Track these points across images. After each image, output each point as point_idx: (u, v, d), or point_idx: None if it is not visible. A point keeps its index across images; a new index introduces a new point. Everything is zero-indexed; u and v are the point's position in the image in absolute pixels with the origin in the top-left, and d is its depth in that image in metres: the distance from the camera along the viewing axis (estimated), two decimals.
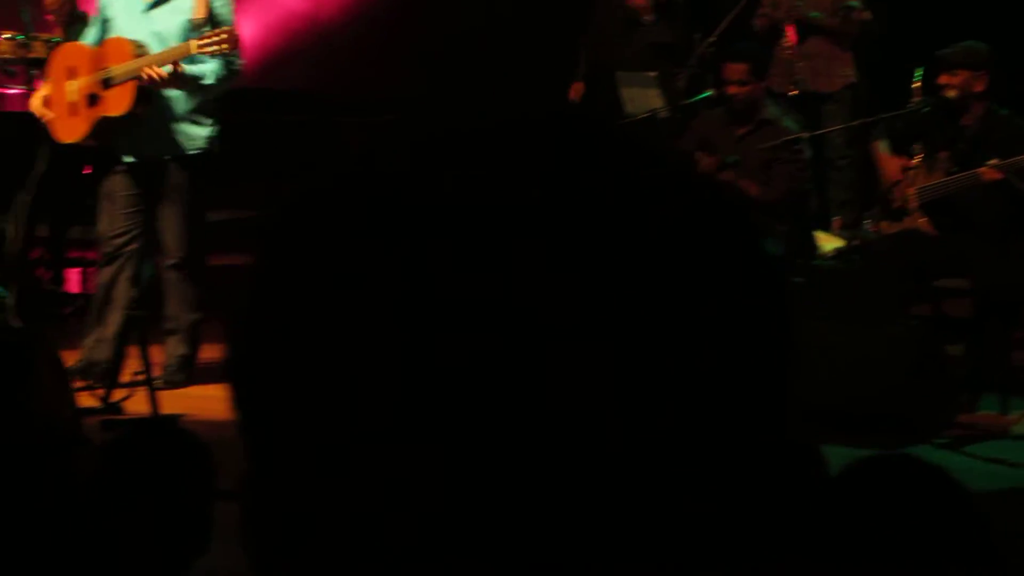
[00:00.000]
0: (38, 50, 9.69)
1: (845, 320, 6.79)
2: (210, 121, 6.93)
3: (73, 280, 9.33)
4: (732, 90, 7.87)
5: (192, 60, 6.65)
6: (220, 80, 6.78)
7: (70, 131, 6.86)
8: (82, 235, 8.32)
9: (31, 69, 9.32)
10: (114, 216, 6.93)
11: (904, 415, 6.26)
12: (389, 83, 11.40)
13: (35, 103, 7.09)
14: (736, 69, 7.87)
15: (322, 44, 12.44)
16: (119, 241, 6.93)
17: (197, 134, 6.89)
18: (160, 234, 6.96)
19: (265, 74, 11.49)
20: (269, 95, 9.64)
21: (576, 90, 10.25)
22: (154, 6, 6.84)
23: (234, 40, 6.51)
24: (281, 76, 11.54)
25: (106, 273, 6.98)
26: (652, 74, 9.43)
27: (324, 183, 1.19)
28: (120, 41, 6.74)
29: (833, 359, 6.30)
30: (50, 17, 11.02)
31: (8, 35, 9.67)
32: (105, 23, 6.99)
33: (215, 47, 6.49)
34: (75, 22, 8.21)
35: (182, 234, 6.91)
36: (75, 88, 6.85)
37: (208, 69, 6.73)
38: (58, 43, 10.09)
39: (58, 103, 6.92)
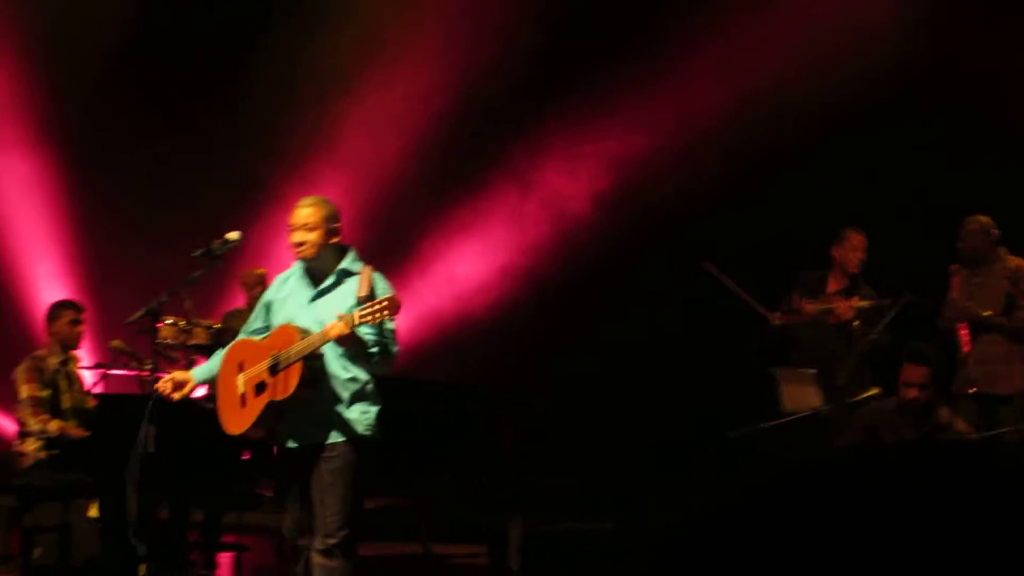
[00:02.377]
0: (199, 336, 9.88)
1: None
2: (371, 408, 6.94)
3: (225, 565, 9.29)
4: (911, 394, 7.72)
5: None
6: (381, 356, 6.82)
7: (240, 422, 6.91)
8: (236, 520, 8.31)
9: (191, 354, 9.49)
10: (290, 510, 6.97)
11: None
12: (534, 379, 11.50)
13: (163, 384, 7.17)
14: (917, 372, 7.75)
15: (471, 339, 12.73)
16: (305, 532, 6.93)
17: (359, 420, 6.89)
18: (315, 518, 6.90)
19: (414, 366, 11.71)
20: (418, 385, 9.67)
21: (777, 317, 10.27)
22: (318, 296, 6.99)
23: (395, 307, 6.57)
24: (431, 368, 11.75)
25: (300, 565, 7.02)
26: (812, 371, 9.35)
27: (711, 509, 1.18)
28: (286, 328, 6.85)
29: None
30: (243, 292, 11.28)
31: (170, 321, 9.87)
32: (268, 310, 7.10)
33: (376, 314, 6.55)
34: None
35: (338, 520, 6.85)
36: (243, 380, 6.93)
37: (371, 340, 6.78)
38: (222, 330, 10.34)
39: (228, 397, 7.00)
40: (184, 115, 13.34)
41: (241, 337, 7.12)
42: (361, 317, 6.59)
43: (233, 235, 7.57)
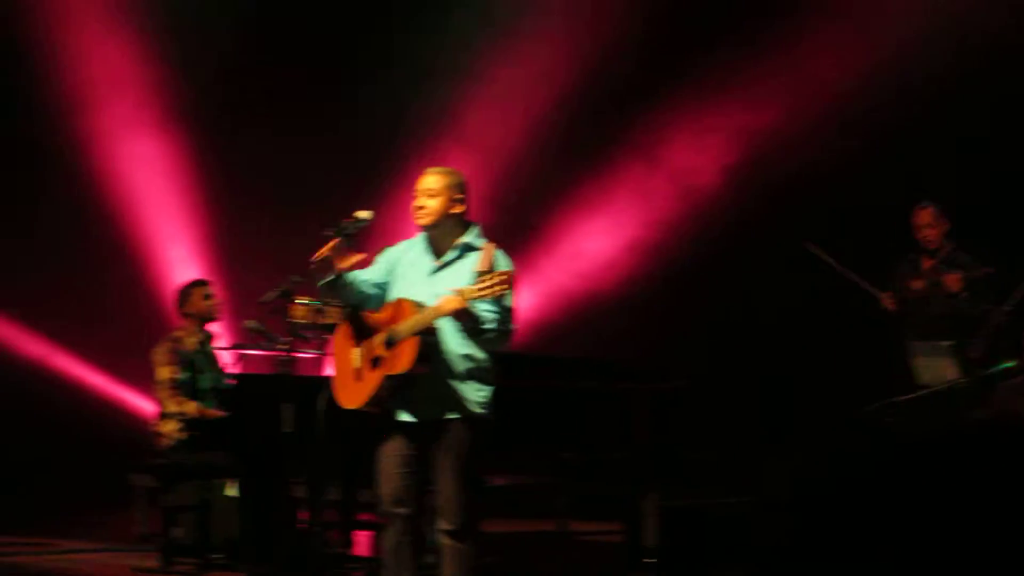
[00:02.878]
0: (331, 316, 9.94)
1: None
2: (486, 387, 6.94)
3: (362, 542, 9.37)
4: None
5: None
6: (497, 334, 6.81)
7: (354, 397, 6.93)
8: (372, 498, 8.34)
9: (324, 334, 9.56)
10: (389, 479, 6.94)
11: None
12: (666, 353, 11.48)
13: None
14: None
15: (599, 316, 12.75)
16: (396, 505, 6.93)
17: (473, 397, 6.88)
18: (436, 498, 6.91)
19: (544, 344, 11.80)
20: (552, 361, 9.69)
21: (890, 299, 10.25)
22: (439, 270, 6.98)
23: (510, 280, 6.56)
24: (559, 346, 11.82)
25: (388, 540, 6.98)
26: (947, 343, 9.26)
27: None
28: (402, 302, 6.84)
29: None
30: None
31: (304, 301, 9.95)
32: (390, 271, 7.09)
33: (491, 289, 6.52)
34: None
35: (457, 500, 6.84)
36: (359, 353, 6.95)
37: (488, 316, 6.77)
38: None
39: (344, 370, 7.03)
40: (313, 95, 13.44)
41: (354, 280, 7.07)
42: (473, 292, 6.58)
43: (364, 214, 7.60)
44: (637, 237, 13.25)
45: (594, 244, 13.28)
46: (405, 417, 6.90)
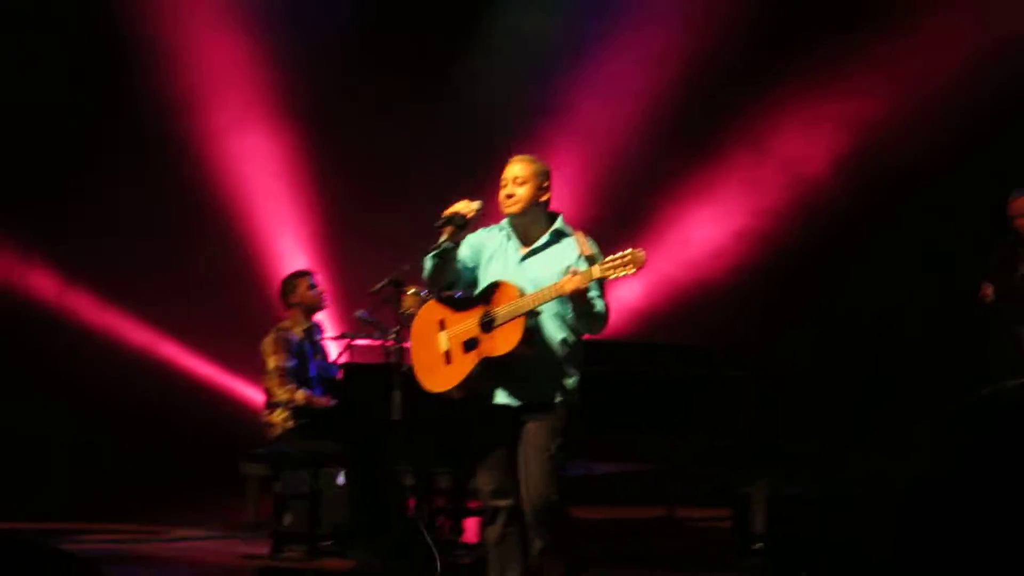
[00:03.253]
0: (409, 302, 9.98)
1: None
2: (577, 372, 6.91)
3: (471, 530, 9.39)
4: None
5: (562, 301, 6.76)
6: (604, 316, 6.80)
7: (444, 380, 6.88)
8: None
9: None
10: (489, 470, 6.92)
11: None
12: (774, 343, 11.43)
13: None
14: None
15: (707, 305, 12.71)
16: (498, 497, 6.91)
17: (568, 382, 6.86)
18: (522, 482, 6.86)
19: (652, 332, 11.79)
20: (661, 349, 9.66)
21: (987, 289, 10.11)
22: (529, 255, 6.96)
23: (639, 261, 6.51)
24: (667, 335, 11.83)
25: (491, 533, 6.97)
26: None
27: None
28: (503, 285, 6.80)
29: None
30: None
31: (413, 290, 9.98)
32: (477, 254, 7.07)
33: (621, 268, 6.50)
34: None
35: (551, 484, 6.78)
36: (447, 337, 6.93)
37: (595, 299, 6.77)
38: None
39: (429, 355, 6.98)
40: (419, 86, 13.49)
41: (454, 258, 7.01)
42: (603, 270, 6.55)
43: (474, 204, 7.63)
44: (745, 226, 13.18)
45: (702, 233, 13.21)
46: (503, 400, 6.86)
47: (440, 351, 6.92)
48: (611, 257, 6.56)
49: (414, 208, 11.57)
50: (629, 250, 6.54)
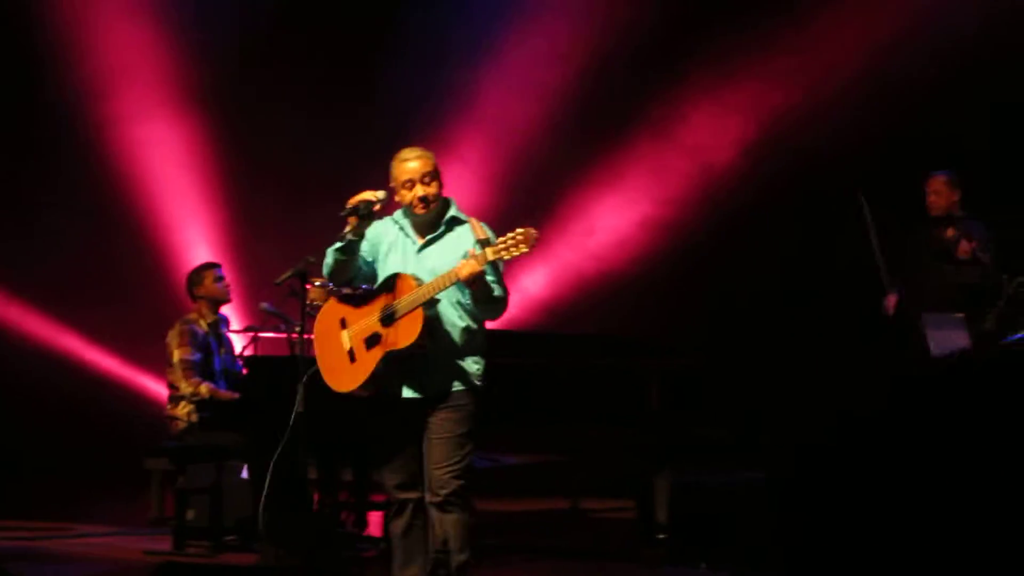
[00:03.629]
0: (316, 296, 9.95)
1: None
2: (482, 360, 6.90)
3: (375, 523, 9.38)
4: None
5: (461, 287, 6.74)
6: (502, 300, 6.77)
7: (349, 379, 6.84)
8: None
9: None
10: (395, 464, 6.90)
11: None
12: (679, 331, 11.47)
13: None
14: None
15: (613, 294, 12.74)
16: (404, 490, 6.90)
17: (472, 369, 6.84)
18: (427, 472, 6.84)
19: (557, 323, 11.81)
20: (566, 339, 9.67)
21: (891, 303, 10.15)
22: (426, 246, 6.92)
23: (532, 239, 6.44)
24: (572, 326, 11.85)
25: (397, 526, 6.95)
26: (959, 315, 9.20)
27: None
28: (402, 277, 6.76)
29: None
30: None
31: (319, 282, 9.92)
32: (373, 249, 7.03)
33: (513, 248, 6.45)
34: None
35: (452, 471, 6.77)
36: (349, 335, 6.89)
37: (491, 280, 6.74)
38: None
39: (333, 355, 6.93)
40: (326, 78, 13.44)
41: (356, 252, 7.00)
42: (496, 252, 6.49)
43: (377, 194, 7.61)
44: (650, 215, 13.23)
45: (607, 222, 13.24)
46: (409, 394, 6.84)
47: (344, 350, 6.88)
48: (503, 238, 6.52)
49: (319, 199, 11.53)
50: (520, 229, 6.48)
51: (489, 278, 6.74)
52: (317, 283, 9.83)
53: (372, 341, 6.77)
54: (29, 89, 13.27)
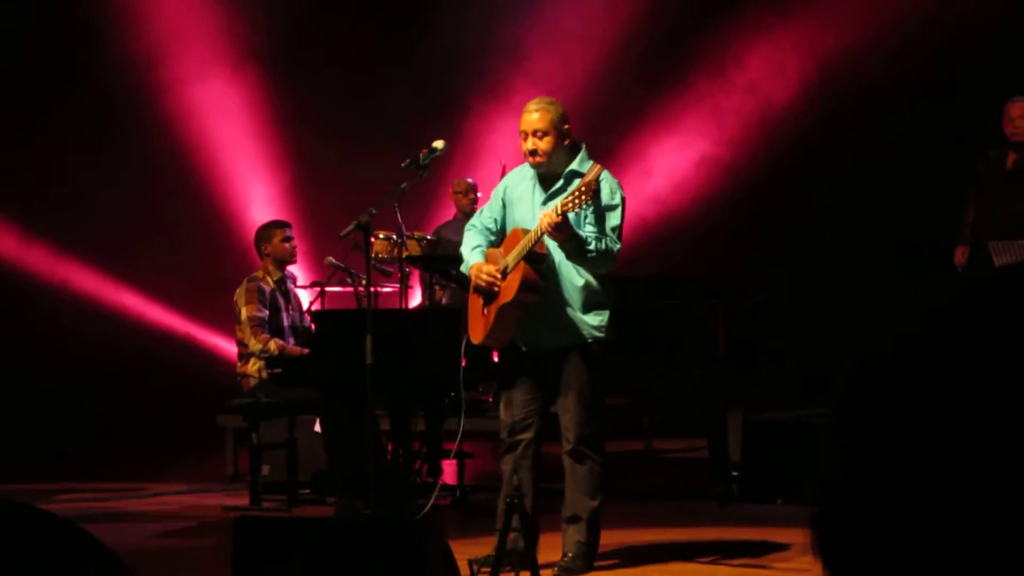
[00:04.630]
0: (412, 248, 9.97)
1: None
2: (605, 312, 6.89)
3: (449, 472, 9.43)
4: None
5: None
6: (598, 254, 6.72)
7: (479, 332, 6.93)
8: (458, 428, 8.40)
9: (405, 267, 9.60)
10: (513, 406, 6.96)
11: None
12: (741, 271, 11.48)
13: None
14: None
15: (672, 237, 12.74)
16: (515, 432, 6.95)
17: (592, 323, 6.83)
18: (560, 422, 6.93)
19: (618, 267, 11.76)
20: (632, 281, 9.65)
21: (960, 253, 10.02)
22: (549, 199, 6.83)
23: (591, 188, 6.41)
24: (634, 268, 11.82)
25: (507, 463, 7.01)
26: None
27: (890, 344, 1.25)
28: (515, 231, 6.80)
29: None
30: (453, 202, 11.42)
31: (383, 235, 9.97)
32: (504, 206, 7.02)
33: (577, 200, 6.43)
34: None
35: (580, 422, 6.83)
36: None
37: (592, 237, 6.70)
38: (435, 242, 10.43)
39: (473, 308, 7.01)
40: (382, 32, 13.48)
41: (472, 226, 7.05)
42: (564, 205, 6.47)
43: (438, 144, 7.60)
44: (708, 156, 13.21)
45: (665, 164, 13.23)
46: (531, 346, 6.87)
47: (479, 304, 6.95)
48: (569, 192, 6.52)
49: (380, 152, 11.57)
50: (584, 181, 6.44)
51: (591, 232, 6.71)
52: (381, 236, 9.89)
53: (493, 295, 6.83)
54: (88, 52, 13.33)
